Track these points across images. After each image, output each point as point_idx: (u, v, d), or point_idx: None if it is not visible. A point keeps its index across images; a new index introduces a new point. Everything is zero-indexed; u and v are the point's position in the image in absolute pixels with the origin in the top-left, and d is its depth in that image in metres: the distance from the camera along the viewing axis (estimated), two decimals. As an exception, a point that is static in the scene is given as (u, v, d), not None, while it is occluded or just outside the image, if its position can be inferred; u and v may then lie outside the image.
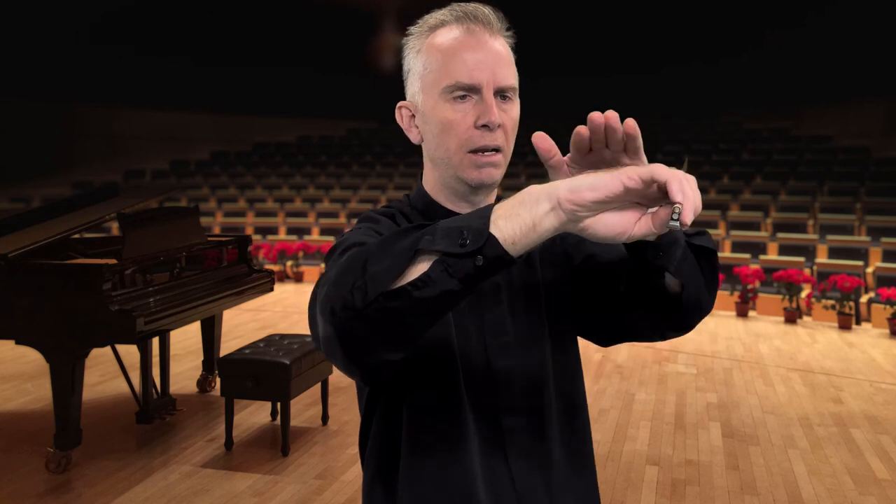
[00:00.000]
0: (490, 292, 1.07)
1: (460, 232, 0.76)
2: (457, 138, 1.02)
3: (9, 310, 3.52)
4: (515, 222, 0.75)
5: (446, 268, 0.75)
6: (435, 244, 0.76)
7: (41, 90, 15.31)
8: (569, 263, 1.13)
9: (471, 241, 0.75)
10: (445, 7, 1.05)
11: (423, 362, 1.01)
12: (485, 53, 1.01)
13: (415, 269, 0.77)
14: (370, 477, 1.08)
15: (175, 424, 4.29)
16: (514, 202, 0.77)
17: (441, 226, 0.78)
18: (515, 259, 0.76)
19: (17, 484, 3.49)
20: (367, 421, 1.09)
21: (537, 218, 0.75)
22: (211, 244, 4.55)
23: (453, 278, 0.76)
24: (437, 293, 0.76)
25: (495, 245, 0.75)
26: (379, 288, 0.76)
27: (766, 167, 13.01)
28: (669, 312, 1.01)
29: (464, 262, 0.75)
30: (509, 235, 0.75)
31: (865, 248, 9.11)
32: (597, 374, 5.53)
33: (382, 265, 0.78)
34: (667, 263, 0.93)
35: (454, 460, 1.01)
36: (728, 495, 3.52)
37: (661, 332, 1.07)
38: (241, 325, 7.22)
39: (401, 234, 0.80)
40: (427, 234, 0.78)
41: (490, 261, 0.75)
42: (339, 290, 0.79)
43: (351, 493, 3.43)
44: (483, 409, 1.04)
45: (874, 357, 6.41)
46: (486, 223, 0.76)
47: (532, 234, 0.75)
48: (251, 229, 12.03)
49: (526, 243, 0.75)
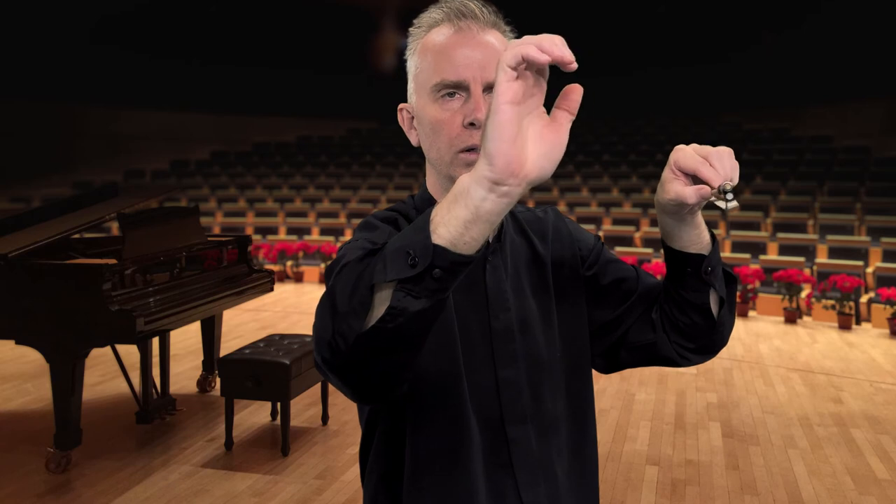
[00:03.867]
0: (497, 299, 1.05)
1: (406, 253, 0.73)
2: (447, 138, 1.00)
3: (9, 310, 3.52)
4: (456, 223, 0.71)
5: (408, 293, 0.73)
6: (387, 275, 0.73)
7: (41, 90, 15.31)
8: (593, 281, 1.13)
9: (419, 258, 0.72)
10: (436, 4, 1.03)
11: (427, 372, 1.00)
12: (472, 49, 0.98)
13: (379, 304, 0.74)
14: (372, 490, 1.06)
15: (175, 424, 4.29)
16: (447, 201, 0.73)
17: (388, 249, 0.75)
18: (475, 256, 0.73)
19: (17, 484, 3.49)
20: (368, 434, 1.07)
21: (477, 206, 0.71)
22: (211, 244, 4.55)
23: (420, 299, 0.73)
24: (410, 317, 0.73)
25: (445, 253, 0.72)
26: (354, 331, 0.75)
27: (766, 167, 13.01)
28: (701, 334, 1.03)
29: (423, 282, 0.72)
30: (456, 237, 0.71)
31: (865, 248, 9.11)
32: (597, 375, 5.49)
33: (349, 307, 0.76)
34: (714, 280, 0.96)
35: (459, 472, 0.99)
36: (728, 495, 3.52)
37: (687, 357, 1.08)
38: (241, 325, 7.22)
39: (358, 267, 0.79)
40: (378, 262, 0.75)
41: (447, 269, 0.72)
42: (324, 336, 0.79)
43: (351, 494, 3.43)
44: (488, 420, 1.02)
45: (874, 357, 6.41)
46: (427, 236, 0.72)
47: (479, 225, 0.71)
48: (251, 229, 12.02)
49: (477, 235, 0.72)
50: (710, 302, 1.00)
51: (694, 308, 1.00)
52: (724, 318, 1.02)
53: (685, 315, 1.02)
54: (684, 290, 1.00)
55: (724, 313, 1.02)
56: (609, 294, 1.12)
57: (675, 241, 0.97)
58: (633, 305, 1.10)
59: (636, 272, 1.14)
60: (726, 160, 0.87)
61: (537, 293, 1.09)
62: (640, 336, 1.08)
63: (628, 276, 1.13)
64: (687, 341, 1.05)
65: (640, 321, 1.08)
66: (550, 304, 1.09)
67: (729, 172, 0.86)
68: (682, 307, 1.02)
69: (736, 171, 0.87)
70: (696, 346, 1.06)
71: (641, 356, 1.10)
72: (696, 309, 1.00)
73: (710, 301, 1.00)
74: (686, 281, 0.98)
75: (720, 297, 1.00)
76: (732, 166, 0.87)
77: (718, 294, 0.99)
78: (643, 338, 1.08)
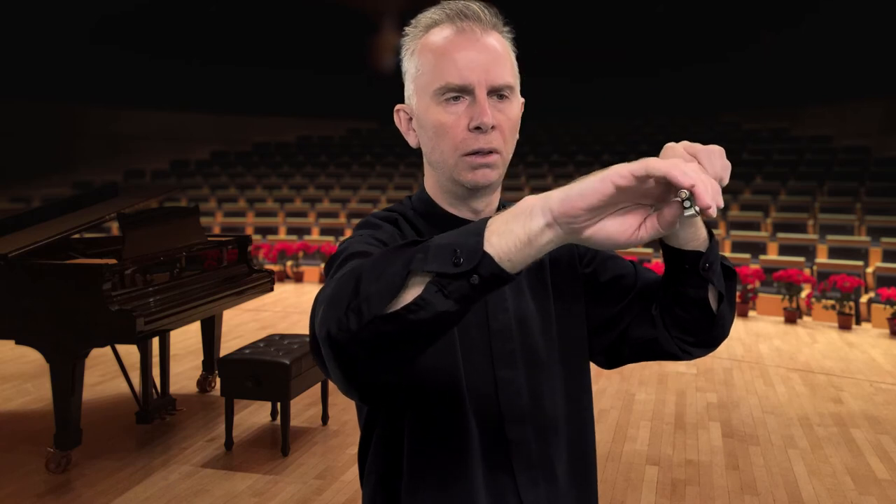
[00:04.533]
0: (496, 299, 1.05)
1: (453, 250, 0.72)
2: (451, 141, 0.99)
3: (9, 310, 3.52)
4: (509, 238, 0.71)
5: (441, 289, 0.72)
6: (428, 264, 0.72)
7: (41, 90, 15.31)
8: (591, 279, 1.13)
9: (465, 259, 0.71)
10: (437, 5, 1.02)
11: (425, 373, 0.99)
12: (476, 52, 0.98)
13: (409, 292, 0.73)
14: (371, 491, 1.06)
15: (175, 424, 4.29)
16: (508, 215, 0.73)
17: (434, 243, 0.74)
18: (513, 276, 0.73)
19: (17, 484, 3.49)
20: (367, 434, 1.07)
21: (532, 234, 0.71)
22: (211, 244, 4.55)
23: (449, 299, 0.72)
24: (433, 315, 0.73)
25: (490, 263, 0.71)
26: (373, 312, 0.73)
27: (765, 167, 13.01)
28: (702, 329, 1.02)
29: (459, 283, 0.72)
30: (504, 252, 0.71)
31: (865, 248, 9.11)
32: (597, 374, 5.53)
33: (376, 287, 0.74)
34: (713, 276, 0.96)
35: (458, 473, 0.99)
36: (728, 495, 3.52)
37: (688, 351, 1.07)
38: (241, 325, 7.22)
39: (394, 252, 0.77)
40: (420, 251, 0.74)
41: (486, 279, 0.72)
42: (335, 312, 0.77)
43: (351, 494, 3.43)
44: (487, 420, 1.02)
45: (874, 357, 6.41)
46: (481, 241, 0.72)
47: (528, 250, 0.71)
48: (251, 229, 12.03)
49: (522, 259, 0.72)
50: (709, 297, 0.99)
51: (693, 304, 1.00)
52: (723, 313, 1.02)
53: (685, 311, 1.01)
54: (683, 287, 0.99)
55: (723, 307, 1.01)
56: (608, 291, 1.12)
57: (671, 240, 0.96)
58: (632, 302, 1.09)
59: (634, 268, 1.13)
60: (716, 159, 0.84)
61: (536, 293, 1.09)
62: (641, 332, 1.08)
63: (627, 272, 1.13)
64: (688, 336, 1.05)
65: (640, 317, 1.08)
66: (549, 305, 1.09)
67: (719, 172, 0.83)
68: (681, 303, 1.01)
69: (727, 171, 0.84)
70: (696, 340, 1.06)
71: (643, 351, 1.10)
72: (696, 304, 1.00)
73: (709, 296, 0.99)
74: (684, 277, 0.98)
75: (719, 291, 1.00)
76: (723, 166, 0.84)
77: (717, 289, 0.99)
78: (644, 334, 1.08)
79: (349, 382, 0.82)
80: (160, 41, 16.83)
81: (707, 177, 0.68)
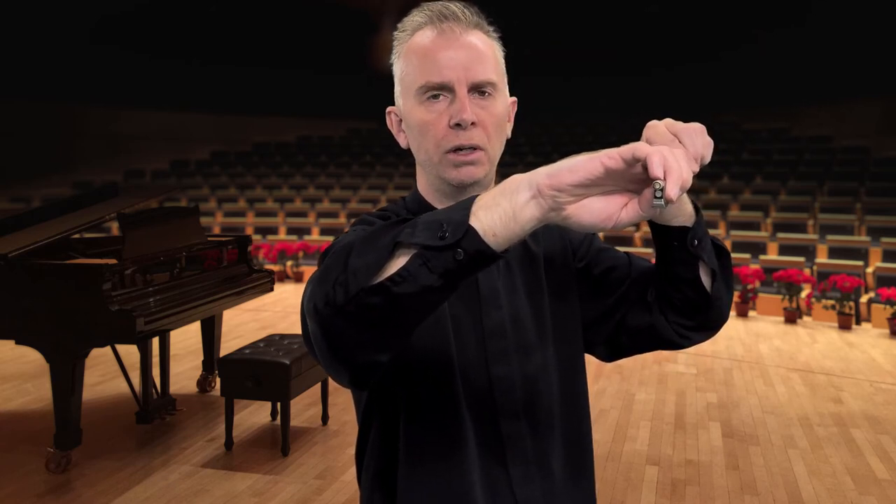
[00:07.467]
0: (489, 297, 1.06)
1: (440, 224, 0.73)
2: (434, 139, 1.01)
3: (9, 310, 3.52)
4: (495, 212, 0.72)
5: (425, 262, 0.73)
6: (414, 237, 0.74)
7: (41, 90, 15.31)
8: (585, 272, 1.13)
9: (450, 233, 0.72)
10: (419, 7, 1.04)
11: (421, 369, 1.00)
12: (455, 51, 0.99)
13: (394, 264, 0.74)
14: (368, 487, 1.07)
15: (175, 424, 4.29)
16: (495, 191, 0.74)
17: (423, 218, 0.76)
18: (498, 254, 0.73)
19: (17, 484, 3.49)
20: (364, 430, 1.08)
21: (517, 207, 0.72)
22: (211, 244, 4.55)
23: (433, 273, 0.73)
24: (417, 289, 0.73)
25: (475, 238, 0.72)
26: (359, 283, 0.74)
27: (765, 167, 13.01)
28: (698, 310, 1.02)
29: (443, 256, 0.73)
30: (489, 226, 0.72)
31: (865, 248, 9.11)
32: (597, 374, 5.53)
33: (363, 260, 0.76)
34: (702, 252, 0.95)
35: (453, 468, 1.00)
36: (728, 495, 3.52)
37: (687, 336, 1.07)
38: (241, 325, 7.22)
39: (385, 228, 0.78)
40: (408, 226, 0.76)
41: (470, 255, 0.73)
42: (323, 286, 0.78)
43: (351, 493, 3.43)
44: (482, 416, 1.02)
45: (874, 357, 6.41)
46: (467, 214, 0.73)
47: (513, 225, 0.72)
48: (251, 229, 12.03)
49: (508, 235, 0.73)
50: (701, 274, 0.98)
51: (685, 283, 0.99)
52: (718, 293, 1.01)
53: (678, 291, 1.01)
54: (673, 265, 0.98)
55: (717, 286, 1.00)
56: (602, 282, 1.12)
57: (657, 217, 0.93)
58: (627, 291, 1.09)
59: (629, 258, 1.14)
60: (697, 137, 0.80)
61: (530, 291, 1.09)
62: (638, 319, 1.08)
63: (620, 262, 1.13)
64: (685, 319, 1.04)
65: (637, 305, 1.08)
66: (543, 301, 1.10)
67: (700, 150, 0.79)
68: (673, 283, 1.00)
69: (708, 149, 0.80)
70: (694, 324, 1.05)
71: (642, 340, 1.09)
72: (688, 283, 0.99)
73: (700, 274, 0.98)
74: (674, 255, 0.97)
75: (711, 269, 0.98)
76: (704, 143, 0.80)
77: (709, 266, 0.97)
78: (640, 321, 1.07)
79: (336, 359, 0.83)
80: (160, 41, 16.83)
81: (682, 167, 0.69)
